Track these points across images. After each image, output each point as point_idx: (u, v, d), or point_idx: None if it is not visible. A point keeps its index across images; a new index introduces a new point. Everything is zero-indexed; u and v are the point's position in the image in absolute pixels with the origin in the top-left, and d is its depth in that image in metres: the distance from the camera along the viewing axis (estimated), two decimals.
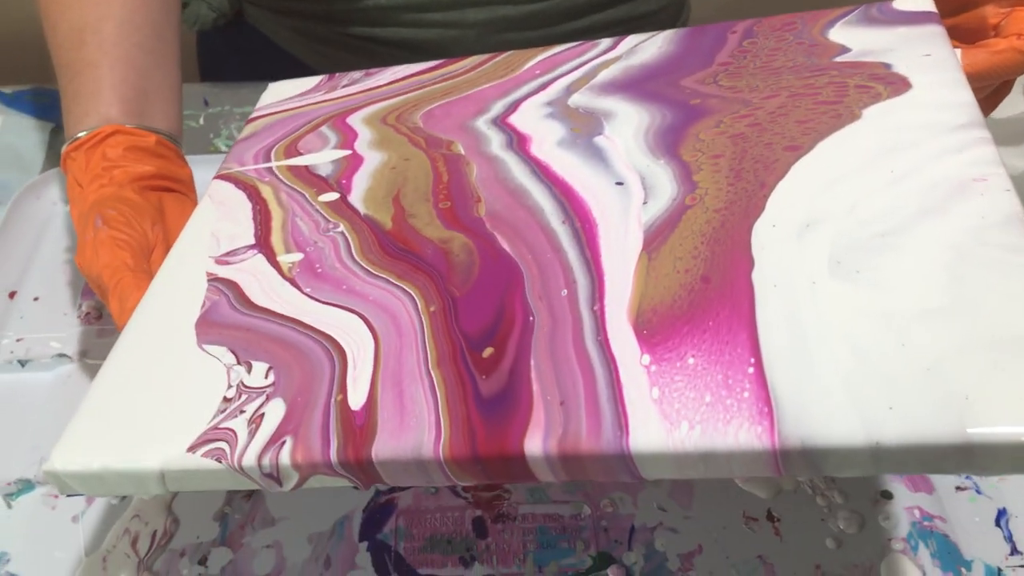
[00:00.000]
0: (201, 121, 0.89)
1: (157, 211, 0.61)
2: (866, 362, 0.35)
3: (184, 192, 0.65)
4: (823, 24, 0.56)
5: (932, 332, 0.35)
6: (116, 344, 0.49)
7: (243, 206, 0.56)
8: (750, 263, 0.40)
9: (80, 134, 0.63)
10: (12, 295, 0.72)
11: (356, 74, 0.69)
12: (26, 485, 0.59)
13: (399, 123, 0.59)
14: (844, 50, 0.53)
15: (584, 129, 0.53)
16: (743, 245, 0.41)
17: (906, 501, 0.57)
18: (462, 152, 0.54)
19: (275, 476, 0.40)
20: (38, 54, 0.71)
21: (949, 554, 0.55)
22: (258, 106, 0.69)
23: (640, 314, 0.40)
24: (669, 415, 0.36)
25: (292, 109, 0.66)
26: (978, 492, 0.58)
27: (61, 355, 0.67)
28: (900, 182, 0.42)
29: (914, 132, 0.45)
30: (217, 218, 0.56)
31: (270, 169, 0.59)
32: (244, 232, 0.54)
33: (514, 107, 0.56)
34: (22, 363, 0.67)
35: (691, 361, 0.37)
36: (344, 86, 0.67)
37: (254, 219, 0.55)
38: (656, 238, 0.43)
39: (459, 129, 0.56)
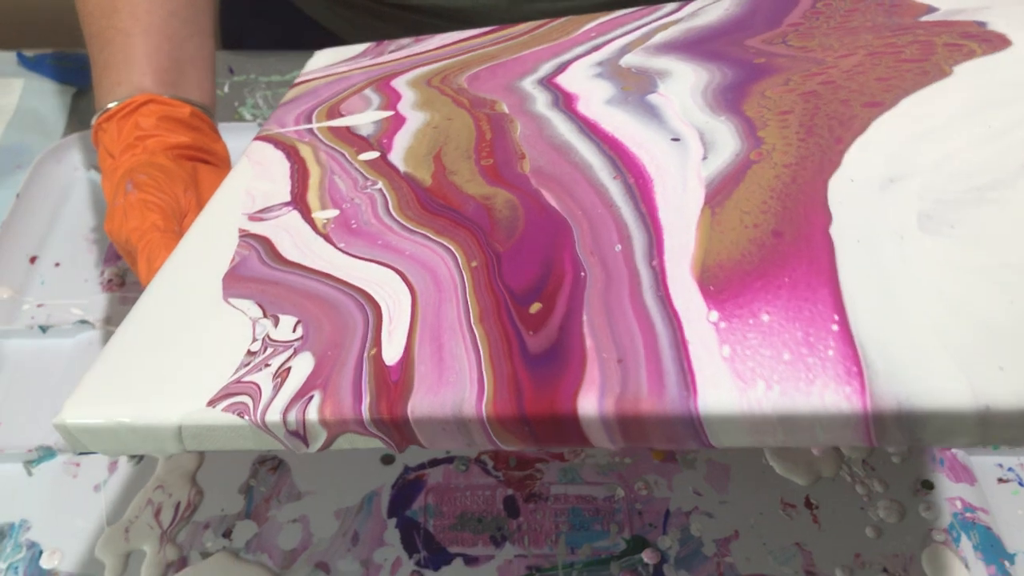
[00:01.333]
0: (226, 89, 0.85)
1: (191, 177, 0.56)
2: (969, 319, 0.29)
3: (219, 166, 0.60)
4: None
5: None
6: (140, 298, 0.44)
7: (280, 165, 0.51)
8: (827, 218, 0.34)
9: (111, 104, 0.59)
10: (33, 260, 0.68)
11: (404, 40, 0.64)
12: (47, 452, 0.55)
13: (444, 84, 0.54)
14: (930, 10, 0.47)
15: (636, 87, 0.47)
16: (818, 200, 0.35)
17: (948, 492, 0.53)
18: (506, 111, 0.49)
19: (301, 434, 0.35)
20: (60, 17, 0.68)
21: (992, 546, 0.51)
22: (304, 71, 0.64)
23: (705, 269, 0.34)
24: (743, 374, 0.30)
25: (337, 74, 0.61)
26: (1021, 484, 0.54)
27: (83, 321, 0.63)
28: (1000, 137, 0.36)
29: (1014, 89, 0.39)
30: (253, 176, 0.51)
31: (310, 130, 0.54)
32: (280, 190, 0.49)
33: (563, 68, 0.51)
34: (43, 329, 0.62)
35: (765, 318, 0.31)
36: (392, 51, 0.62)
37: (291, 177, 0.49)
38: (719, 192, 0.38)
39: (504, 89, 0.51)
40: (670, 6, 0.55)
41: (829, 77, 0.43)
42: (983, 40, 0.43)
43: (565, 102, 0.48)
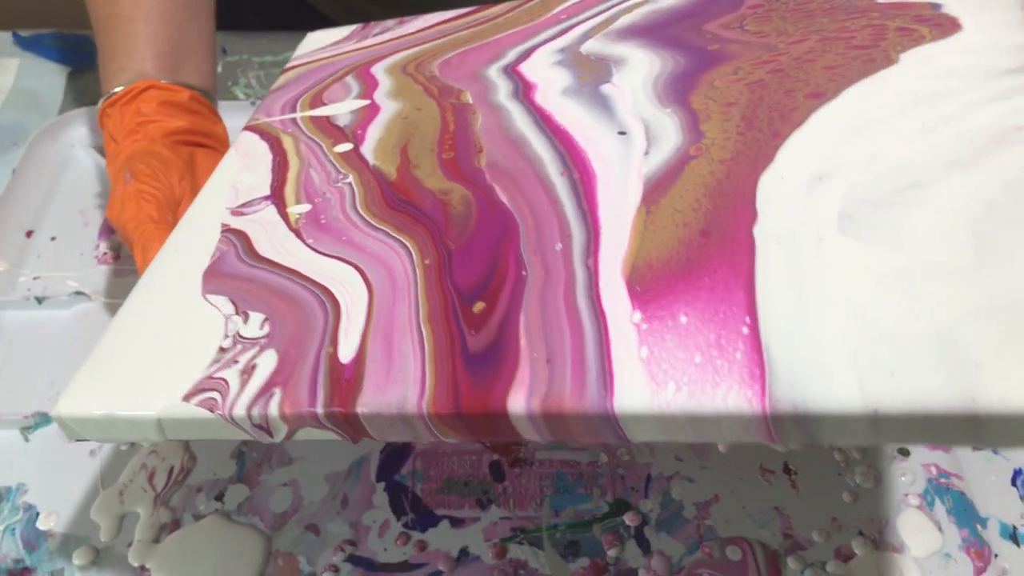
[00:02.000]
0: (219, 69, 0.85)
1: (186, 165, 0.57)
2: (870, 324, 0.30)
3: (216, 148, 0.61)
4: None
5: (946, 294, 0.30)
6: (130, 295, 0.45)
7: (264, 157, 0.52)
8: (753, 216, 0.35)
9: (116, 89, 0.60)
10: (29, 234, 0.69)
11: (390, 22, 0.64)
12: (43, 419, 0.57)
13: (417, 72, 0.54)
14: None
15: (592, 77, 0.47)
16: (747, 198, 0.36)
17: (923, 458, 0.54)
18: (470, 101, 0.50)
19: (265, 427, 0.37)
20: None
21: (965, 511, 0.51)
22: (294, 56, 0.64)
23: (635, 269, 0.35)
24: (656, 376, 0.31)
25: (323, 59, 0.62)
26: (995, 452, 0.54)
27: (79, 293, 0.64)
28: (931, 132, 0.36)
29: (957, 78, 0.39)
30: (239, 169, 0.52)
31: (294, 120, 0.55)
32: (261, 183, 0.50)
33: (528, 54, 0.51)
34: (39, 300, 0.63)
35: (683, 320, 0.32)
36: (376, 34, 0.62)
37: (272, 170, 0.51)
38: (656, 190, 0.38)
39: (471, 78, 0.51)
40: None
41: (779, 65, 0.43)
42: (934, 25, 0.43)
43: (524, 92, 0.48)
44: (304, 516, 0.52)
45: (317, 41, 0.65)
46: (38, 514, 0.52)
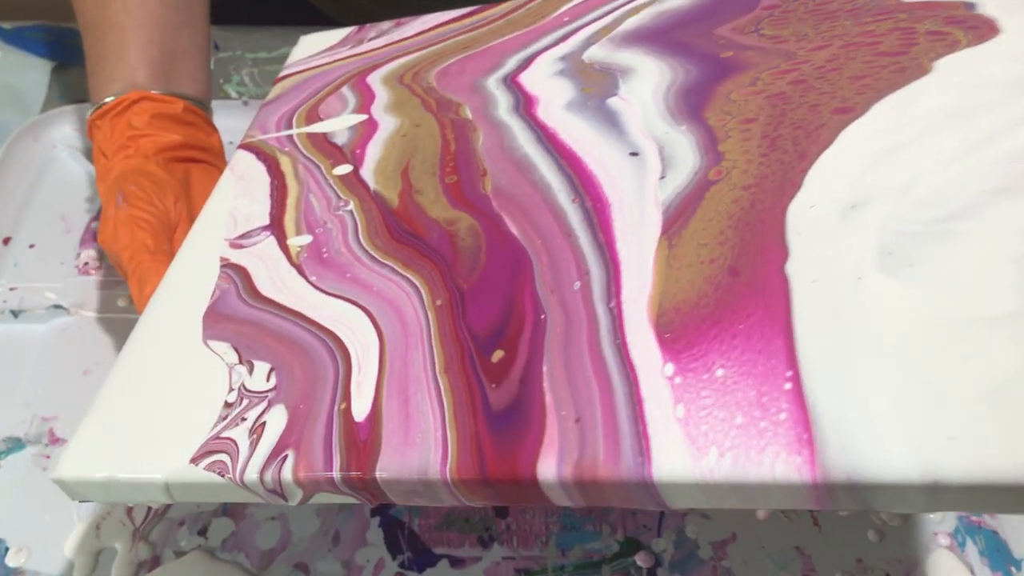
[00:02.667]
0: (211, 65, 0.77)
1: (181, 185, 0.54)
2: (920, 380, 0.27)
3: (212, 162, 0.58)
4: None
5: (996, 344, 0.27)
6: (128, 340, 0.42)
7: (262, 181, 0.49)
8: (784, 253, 0.32)
9: (106, 100, 0.56)
10: (6, 241, 0.63)
11: (386, 25, 0.60)
12: (16, 444, 0.52)
13: (415, 82, 0.51)
14: None
15: (597, 88, 0.44)
16: (776, 231, 0.33)
17: None
18: (469, 117, 0.46)
19: (279, 492, 0.34)
20: None
21: (998, 552, 0.48)
22: (287, 64, 0.61)
23: (661, 312, 0.32)
24: (696, 439, 0.29)
25: (318, 67, 0.58)
26: None
27: (56, 306, 0.59)
28: (972, 153, 0.33)
29: (997, 90, 0.35)
30: (236, 195, 0.49)
31: (290, 137, 0.51)
32: (260, 211, 0.47)
33: (527, 63, 0.48)
34: (15, 313, 0.59)
35: (720, 373, 0.30)
36: (372, 39, 0.59)
37: (271, 196, 0.47)
38: (676, 220, 0.35)
39: (469, 89, 0.48)
40: None
41: (800, 75, 0.40)
42: (969, 27, 0.39)
43: (525, 106, 0.45)
44: (293, 553, 0.49)
45: (311, 46, 0.61)
46: (7, 549, 0.48)
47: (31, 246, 0.63)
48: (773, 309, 0.31)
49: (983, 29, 0.38)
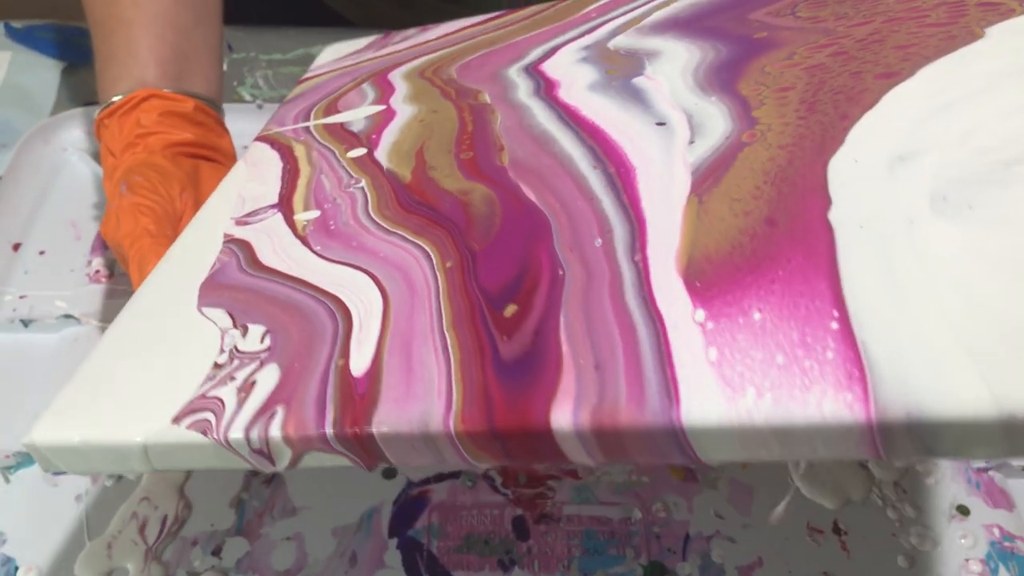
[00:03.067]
0: (224, 67, 0.73)
1: (188, 177, 0.50)
2: (988, 313, 0.24)
3: (223, 163, 0.54)
4: None
5: None
6: (122, 310, 0.39)
7: (274, 166, 0.46)
8: (826, 202, 0.29)
9: (114, 99, 0.53)
10: (16, 247, 0.60)
11: (410, 31, 0.58)
12: (26, 458, 0.48)
13: (435, 76, 0.48)
14: None
15: (621, 71, 0.41)
16: (817, 184, 0.30)
17: (984, 518, 0.46)
18: (488, 101, 0.43)
19: (265, 452, 0.30)
20: None
21: None
22: (311, 68, 0.58)
23: (691, 262, 0.29)
24: (731, 380, 0.25)
25: (340, 69, 0.56)
26: None
27: (67, 316, 0.56)
28: None
29: None
30: (247, 179, 0.46)
31: (307, 128, 0.49)
32: (269, 192, 0.44)
33: (551, 53, 0.45)
34: (25, 323, 0.55)
35: (757, 316, 0.26)
36: (396, 43, 0.56)
37: (282, 178, 0.44)
38: (707, 179, 0.32)
39: (490, 78, 0.45)
40: None
41: (840, 48, 0.36)
42: None
43: (547, 89, 0.42)
44: (309, 575, 0.45)
45: (335, 52, 0.59)
46: (17, 568, 0.45)
47: (41, 252, 0.60)
48: (816, 254, 0.27)
49: None
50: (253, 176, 0.46)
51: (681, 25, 0.42)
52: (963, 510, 0.46)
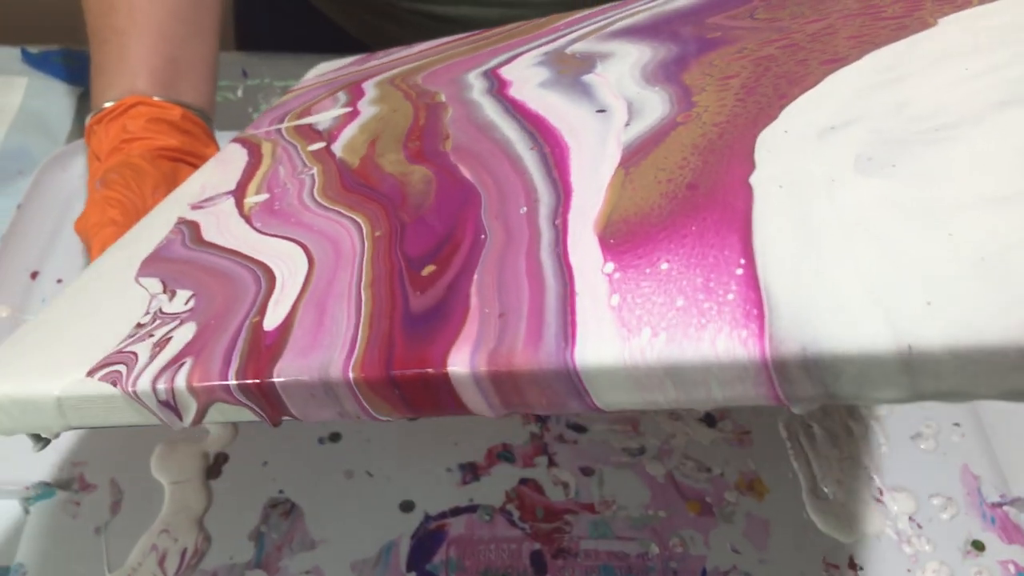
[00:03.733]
0: (239, 93, 0.71)
1: (164, 177, 0.48)
2: (894, 254, 0.21)
3: None
4: None
5: (991, 219, 0.21)
6: (68, 286, 0.37)
7: (240, 160, 0.45)
8: (751, 167, 0.27)
9: (104, 105, 0.51)
10: (34, 275, 0.56)
11: (396, 48, 0.56)
12: (46, 490, 0.45)
13: (402, 82, 0.47)
14: None
15: (573, 70, 0.39)
16: (744, 152, 0.28)
17: (999, 554, 0.43)
18: (443, 100, 0.42)
19: (172, 404, 0.28)
20: (69, 11, 0.56)
21: None
22: (299, 82, 0.57)
23: (609, 224, 0.27)
24: (628, 322, 0.23)
25: (322, 82, 0.54)
26: None
27: None
28: (979, 78, 0.27)
29: (1007, 32, 0.29)
30: (212, 171, 0.44)
31: (278, 130, 0.47)
32: (228, 181, 0.42)
33: (512, 59, 0.43)
34: None
35: (664, 266, 0.24)
36: (380, 58, 0.55)
37: (243, 170, 0.43)
38: (637, 153, 0.30)
39: (450, 82, 0.44)
40: None
41: (792, 41, 0.35)
42: None
43: (499, 88, 0.41)
44: None
45: (323, 69, 0.58)
46: None
47: (59, 281, 0.56)
48: (732, 211, 0.25)
49: None
50: (218, 169, 0.44)
51: (638, 31, 0.41)
52: (978, 545, 0.43)
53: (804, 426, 0.47)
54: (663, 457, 0.46)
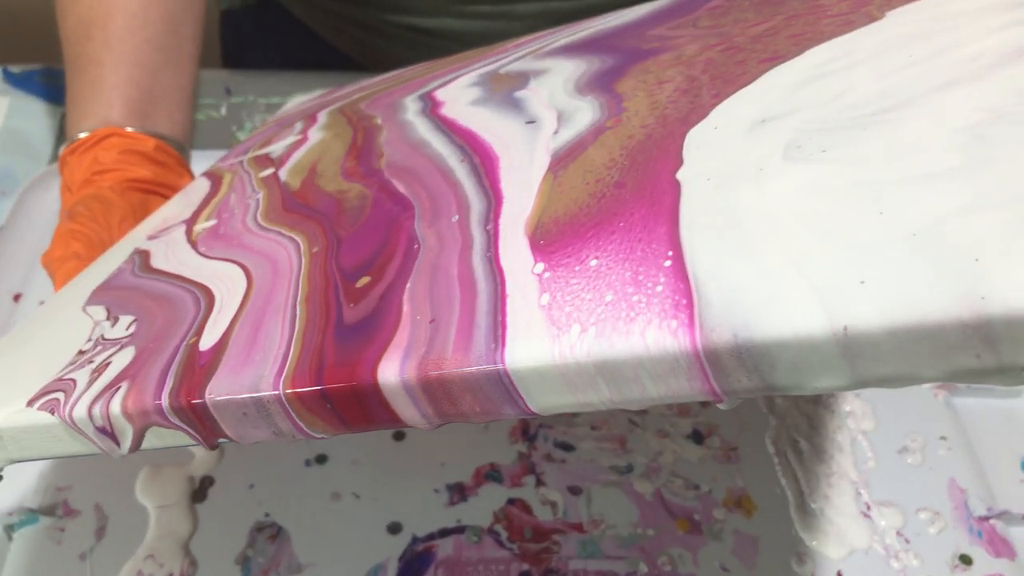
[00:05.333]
0: (223, 111, 0.65)
1: (133, 209, 0.44)
2: (823, 236, 0.19)
3: None
4: None
5: (925, 195, 0.19)
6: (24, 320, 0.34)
7: (201, 192, 0.41)
8: (678, 163, 0.24)
9: (78, 136, 0.47)
10: (16, 298, 0.51)
11: (362, 79, 0.52)
12: (29, 516, 0.41)
13: (349, 109, 0.43)
14: None
15: (505, 88, 0.36)
16: (672, 150, 0.25)
17: (987, 567, 0.40)
18: (379, 123, 0.39)
19: (108, 430, 0.25)
20: (51, 30, 0.52)
21: None
22: (275, 116, 0.53)
23: (539, 226, 0.24)
24: (558, 320, 0.20)
25: (293, 113, 0.50)
26: None
27: None
28: (922, 63, 0.24)
29: (953, 19, 0.26)
30: (175, 204, 0.41)
31: (240, 161, 0.43)
32: (185, 212, 0.39)
33: (448, 82, 0.40)
34: None
35: (593, 263, 0.21)
36: (343, 89, 0.50)
37: (202, 200, 0.39)
38: (565, 158, 0.27)
39: (388, 106, 0.41)
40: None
41: (732, 44, 0.31)
42: None
43: (432, 108, 0.37)
44: None
45: (296, 101, 0.54)
46: None
47: (41, 303, 0.51)
48: (659, 206, 0.22)
49: None
50: (180, 201, 0.41)
51: (576, 47, 0.38)
52: (966, 559, 0.40)
53: (791, 442, 0.43)
54: (651, 475, 0.42)
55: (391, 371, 0.21)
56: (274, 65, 0.69)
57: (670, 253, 0.20)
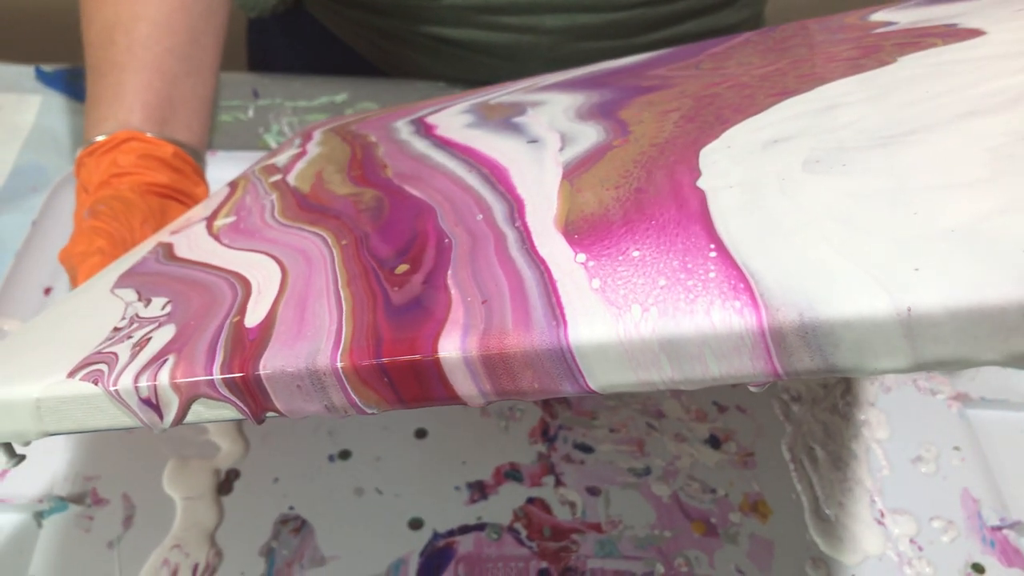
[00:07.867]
0: (250, 113, 0.57)
1: (153, 212, 0.39)
2: (865, 232, 0.17)
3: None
4: (862, 13, 0.32)
5: (956, 200, 0.17)
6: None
7: (222, 196, 0.37)
8: (696, 174, 0.23)
9: (96, 138, 0.42)
10: (47, 291, 0.46)
11: (367, 111, 0.48)
12: (58, 504, 0.36)
13: (341, 130, 0.40)
14: (887, 24, 0.30)
15: (500, 116, 0.33)
16: (688, 163, 0.23)
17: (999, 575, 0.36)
18: (374, 140, 0.36)
19: (153, 402, 0.22)
20: (79, 32, 0.46)
21: None
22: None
23: (569, 223, 0.22)
24: (616, 301, 0.18)
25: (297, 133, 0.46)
26: None
27: None
28: (939, 98, 0.22)
29: (971, 63, 0.24)
30: (197, 208, 0.37)
31: (254, 170, 0.39)
32: (206, 211, 0.35)
33: (440, 110, 0.37)
34: None
35: (636, 254, 0.19)
36: (349, 118, 0.45)
37: (220, 202, 0.36)
38: (578, 169, 0.25)
39: (379, 127, 0.38)
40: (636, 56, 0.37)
41: (739, 82, 0.28)
42: (948, 36, 0.27)
43: (425, 130, 0.35)
44: None
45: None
46: None
47: None
48: (687, 208, 0.21)
49: (963, 35, 0.26)
50: (204, 204, 0.37)
51: (571, 83, 0.35)
52: (978, 568, 0.36)
53: (807, 448, 0.39)
54: (668, 478, 0.38)
55: (452, 346, 0.19)
56: (302, 72, 0.63)
57: (712, 246, 0.19)
